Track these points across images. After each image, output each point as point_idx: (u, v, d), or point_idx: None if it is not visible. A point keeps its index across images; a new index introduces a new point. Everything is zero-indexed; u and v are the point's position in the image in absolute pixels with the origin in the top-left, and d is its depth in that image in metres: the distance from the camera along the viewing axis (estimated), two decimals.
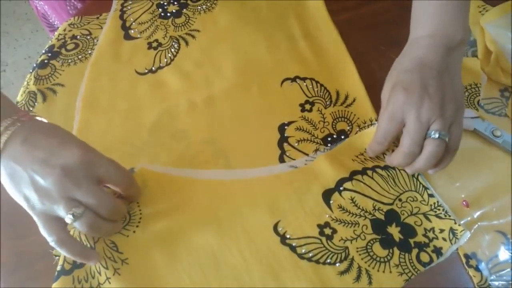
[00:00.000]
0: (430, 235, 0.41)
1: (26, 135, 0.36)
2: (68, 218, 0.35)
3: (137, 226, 0.41)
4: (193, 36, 0.59)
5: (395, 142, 0.43)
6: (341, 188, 0.43)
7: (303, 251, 0.40)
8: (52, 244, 0.36)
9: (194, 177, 0.45)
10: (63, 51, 0.58)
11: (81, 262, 0.39)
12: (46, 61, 0.57)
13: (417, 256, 0.40)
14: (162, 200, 0.43)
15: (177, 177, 0.45)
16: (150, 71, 0.55)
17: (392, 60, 0.44)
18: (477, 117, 0.48)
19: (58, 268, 0.39)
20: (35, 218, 0.36)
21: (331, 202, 0.42)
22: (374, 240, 0.40)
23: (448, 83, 0.40)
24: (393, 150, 0.43)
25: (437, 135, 0.38)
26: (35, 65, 0.57)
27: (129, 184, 0.41)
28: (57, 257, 0.41)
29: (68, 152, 0.36)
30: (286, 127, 0.49)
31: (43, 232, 0.36)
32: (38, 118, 0.40)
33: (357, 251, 0.40)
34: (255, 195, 0.43)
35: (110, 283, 0.39)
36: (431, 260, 0.40)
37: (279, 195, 0.43)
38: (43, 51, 0.59)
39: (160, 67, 0.55)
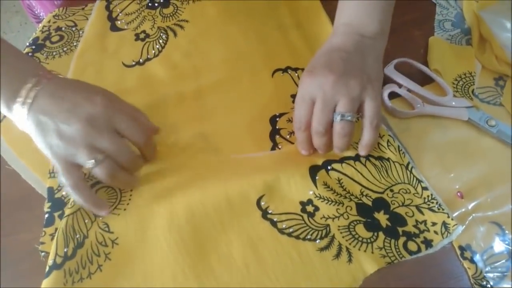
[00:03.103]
0: (422, 227, 0.40)
1: (53, 90, 0.39)
2: (90, 163, 0.38)
3: (127, 204, 0.42)
4: (181, 27, 0.57)
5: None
6: (329, 167, 0.42)
7: (283, 226, 0.40)
8: (67, 188, 0.38)
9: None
10: (47, 43, 0.57)
11: (92, 210, 0.40)
12: (30, 54, 0.56)
13: (404, 244, 0.39)
14: (151, 176, 0.43)
15: (166, 151, 0.46)
16: (138, 63, 0.54)
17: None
18: (472, 107, 0.47)
19: (50, 263, 0.38)
20: (57, 164, 0.38)
21: (316, 178, 0.42)
22: (358, 221, 0.40)
23: (357, 62, 0.41)
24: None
25: (338, 118, 0.39)
26: None
27: (146, 143, 0.42)
28: (43, 253, 0.40)
29: (93, 104, 0.39)
30: (277, 119, 0.48)
31: (62, 177, 0.38)
32: (60, 76, 0.42)
33: (339, 229, 0.40)
34: (243, 170, 0.43)
35: (101, 270, 0.39)
36: (419, 250, 0.39)
37: (267, 171, 0.42)
38: (27, 44, 0.57)
39: (148, 59, 0.54)
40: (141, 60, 0.54)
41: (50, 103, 0.38)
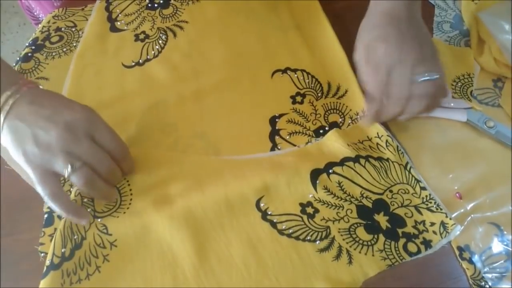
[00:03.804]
0: (420, 227, 0.41)
1: (32, 98, 0.38)
2: (66, 171, 0.37)
3: (127, 208, 0.41)
4: (181, 28, 0.57)
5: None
6: (330, 171, 0.43)
7: (283, 227, 0.40)
8: (45, 198, 0.37)
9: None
10: (47, 43, 0.57)
11: (72, 219, 0.39)
12: (29, 54, 0.56)
13: (404, 246, 0.39)
14: (151, 179, 0.43)
15: (166, 154, 0.46)
16: (137, 63, 0.54)
17: None
18: (470, 108, 0.47)
19: (47, 263, 0.38)
20: (32, 173, 0.37)
21: (317, 182, 0.42)
22: (358, 224, 0.40)
23: (417, 30, 0.42)
24: None
25: (422, 78, 0.39)
26: (18, 58, 0.55)
27: (123, 155, 0.42)
28: (42, 254, 0.40)
29: (71, 111, 0.38)
30: (277, 120, 0.48)
31: (38, 186, 0.37)
32: (40, 86, 0.42)
33: (339, 232, 0.40)
34: (243, 172, 0.43)
35: (100, 272, 0.39)
36: (419, 251, 0.39)
37: (267, 172, 0.43)
38: (27, 44, 0.57)
39: (147, 60, 0.54)
40: (140, 60, 0.54)
41: (29, 110, 0.37)
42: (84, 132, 0.38)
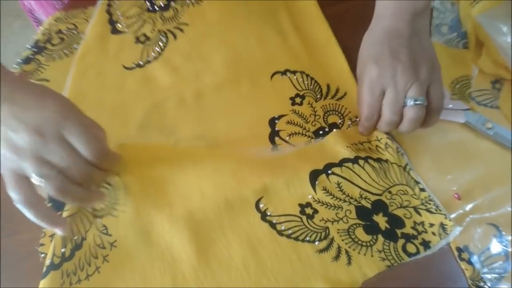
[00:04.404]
0: (420, 228, 0.41)
1: (7, 94, 0.35)
2: (35, 179, 0.34)
3: (128, 208, 0.41)
4: (181, 30, 0.58)
5: None
6: (329, 172, 0.43)
7: (282, 228, 0.40)
8: (18, 204, 0.35)
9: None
10: (48, 45, 0.57)
11: (47, 227, 0.38)
12: (31, 56, 0.56)
13: (403, 246, 0.39)
14: (151, 179, 0.43)
15: (159, 147, 0.45)
16: (138, 65, 0.54)
17: None
18: (468, 109, 0.47)
19: (47, 263, 0.38)
20: (5, 177, 0.35)
21: (316, 183, 0.42)
22: (357, 225, 0.40)
23: (417, 46, 0.41)
24: None
25: (412, 102, 0.39)
26: (20, 60, 0.56)
27: (100, 155, 0.37)
28: (42, 254, 0.41)
29: (41, 109, 0.35)
30: (276, 121, 0.48)
31: (11, 192, 0.35)
32: (26, 80, 0.39)
33: (338, 232, 0.40)
34: (242, 173, 0.43)
35: (99, 272, 0.39)
36: (418, 252, 0.39)
37: (266, 173, 0.43)
38: (28, 46, 0.57)
39: (148, 61, 0.55)
40: (141, 62, 0.55)
41: (2, 107, 0.35)
42: (54, 133, 0.35)
